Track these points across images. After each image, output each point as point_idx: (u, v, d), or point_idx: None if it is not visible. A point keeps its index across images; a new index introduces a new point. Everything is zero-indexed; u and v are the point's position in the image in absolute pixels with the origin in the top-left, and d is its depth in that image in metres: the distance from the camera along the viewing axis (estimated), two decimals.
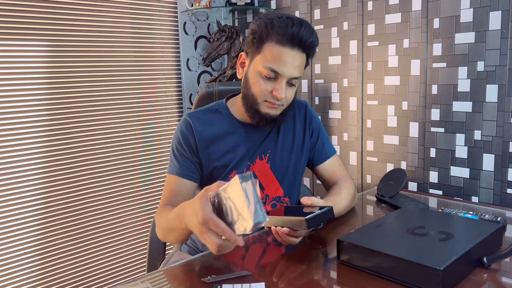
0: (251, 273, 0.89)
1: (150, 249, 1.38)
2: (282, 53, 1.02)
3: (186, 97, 2.24)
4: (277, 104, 1.07)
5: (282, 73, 1.03)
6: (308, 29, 1.02)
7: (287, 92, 1.06)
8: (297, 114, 1.24)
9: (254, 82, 1.07)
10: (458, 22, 1.49)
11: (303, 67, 1.08)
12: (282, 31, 1.01)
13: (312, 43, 1.04)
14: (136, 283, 0.86)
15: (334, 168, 1.27)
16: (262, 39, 1.04)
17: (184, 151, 1.13)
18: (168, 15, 2.17)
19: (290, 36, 1.01)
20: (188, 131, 1.13)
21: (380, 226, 0.98)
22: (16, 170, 1.74)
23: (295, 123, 1.23)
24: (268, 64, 1.03)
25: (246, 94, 1.09)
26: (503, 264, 0.89)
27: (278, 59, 1.02)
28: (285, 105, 1.10)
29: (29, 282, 1.81)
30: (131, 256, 2.13)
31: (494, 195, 1.47)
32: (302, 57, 1.05)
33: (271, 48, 1.03)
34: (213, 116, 1.17)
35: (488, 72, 1.44)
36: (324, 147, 1.26)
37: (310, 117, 1.25)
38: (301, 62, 1.06)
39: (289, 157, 1.21)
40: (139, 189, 2.13)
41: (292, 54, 1.02)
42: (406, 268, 0.80)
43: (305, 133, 1.24)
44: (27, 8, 1.72)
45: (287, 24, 1.01)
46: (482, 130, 1.47)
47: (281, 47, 1.02)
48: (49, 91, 1.80)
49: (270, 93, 1.05)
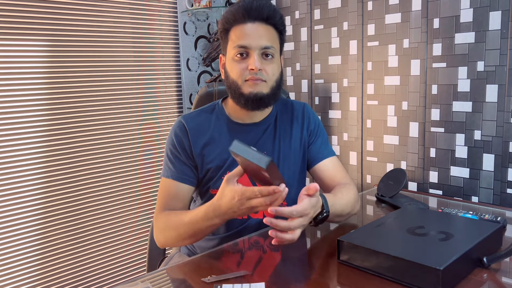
0: (251, 273, 0.89)
1: (150, 249, 1.38)
2: (244, 28, 1.06)
3: (186, 97, 2.24)
4: (257, 78, 1.05)
5: (249, 45, 1.05)
6: (260, 2, 1.06)
7: (264, 66, 1.06)
8: (295, 114, 1.23)
9: (231, 68, 1.09)
10: (458, 22, 1.49)
11: (274, 39, 1.09)
12: (236, 11, 1.06)
13: (269, 13, 1.06)
14: (136, 283, 0.86)
15: (331, 171, 1.20)
16: (226, 30, 1.09)
17: (178, 154, 1.12)
18: (168, 15, 2.17)
19: (244, 10, 1.05)
20: (182, 134, 1.13)
21: (380, 226, 0.98)
22: (16, 170, 1.74)
23: (292, 123, 1.21)
24: (235, 44, 1.06)
25: (228, 84, 1.10)
26: (503, 264, 0.89)
27: (243, 34, 1.05)
28: (269, 81, 1.08)
29: (29, 282, 1.81)
30: (131, 256, 2.13)
31: (494, 195, 1.47)
32: (268, 29, 1.07)
33: (235, 31, 1.07)
34: (208, 117, 1.16)
35: (488, 72, 1.44)
36: (320, 148, 1.22)
37: (309, 117, 1.23)
38: (268, 33, 1.07)
39: (285, 157, 1.18)
40: (139, 189, 2.12)
41: (254, 26, 1.06)
42: (406, 268, 0.80)
43: (303, 133, 1.21)
44: (27, 8, 1.72)
45: (238, 5, 1.07)
46: (482, 130, 1.47)
47: (242, 25, 1.06)
48: (49, 91, 1.80)
49: (247, 70, 1.06)
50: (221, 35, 1.12)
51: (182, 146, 1.12)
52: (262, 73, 1.06)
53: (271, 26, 1.08)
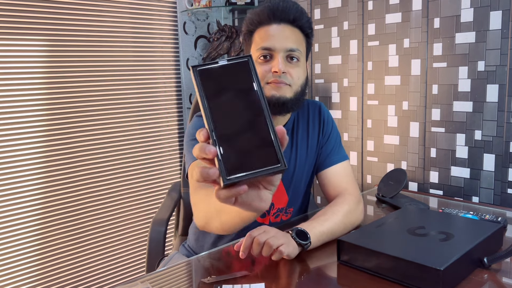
0: (251, 273, 0.88)
1: (149, 249, 1.37)
2: (269, 29, 1.02)
3: (185, 97, 2.24)
4: (281, 82, 1.00)
5: (274, 47, 1.00)
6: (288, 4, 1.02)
7: (289, 69, 1.01)
8: (311, 116, 1.18)
9: None
10: (459, 21, 1.49)
11: (300, 42, 1.04)
12: (261, 12, 1.02)
13: (296, 15, 1.02)
14: (136, 283, 0.86)
15: (337, 177, 1.14)
16: (251, 32, 1.06)
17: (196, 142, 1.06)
18: (167, 14, 2.16)
19: (269, 11, 1.01)
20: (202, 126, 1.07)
21: (380, 226, 0.98)
22: (15, 170, 1.74)
23: (308, 127, 1.16)
24: (259, 46, 1.02)
25: None
26: (504, 265, 0.89)
27: (267, 36, 1.01)
28: (294, 86, 1.02)
29: (29, 282, 1.81)
30: (131, 256, 2.12)
31: (495, 195, 1.46)
32: (294, 31, 1.03)
33: (259, 32, 1.03)
34: None
35: (489, 72, 1.43)
36: (331, 152, 1.16)
37: (324, 120, 1.18)
38: (294, 35, 1.03)
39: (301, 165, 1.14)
40: (139, 189, 2.12)
41: (280, 27, 1.01)
42: (407, 268, 0.80)
43: (319, 138, 1.16)
44: (27, 8, 1.72)
45: (264, 6, 1.03)
46: (483, 130, 1.47)
47: (267, 26, 1.02)
48: (48, 90, 1.80)
49: (270, 72, 1.01)
50: (245, 37, 1.07)
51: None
52: (286, 76, 1.01)
53: (297, 29, 1.03)
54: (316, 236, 0.96)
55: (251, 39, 1.05)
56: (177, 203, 1.51)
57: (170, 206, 1.47)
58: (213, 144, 0.49)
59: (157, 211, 1.46)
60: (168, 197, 1.52)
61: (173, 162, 2.24)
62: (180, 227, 1.52)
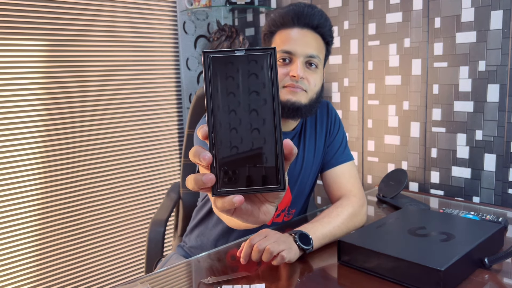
0: (251, 273, 0.88)
1: (148, 250, 1.37)
2: (291, 32, 1.01)
3: (185, 96, 2.24)
4: (297, 87, 1.00)
5: (294, 52, 0.99)
6: (312, 9, 1.01)
7: (307, 74, 1.01)
8: (319, 116, 1.17)
9: None
10: (459, 21, 1.49)
11: (320, 49, 1.03)
12: (285, 14, 1.01)
13: (320, 21, 1.01)
14: (135, 283, 0.86)
15: (341, 178, 1.14)
16: (272, 32, 1.05)
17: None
18: (167, 14, 2.16)
19: (294, 14, 1.00)
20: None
21: (381, 227, 0.98)
22: (14, 170, 1.74)
23: (316, 127, 1.16)
24: (280, 48, 1.01)
25: None
26: (505, 265, 0.89)
27: (288, 39, 1.00)
28: (310, 92, 1.02)
29: (28, 283, 1.80)
30: (131, 257, 2.12)
31: (496, 196, 1.46)
32: (316, 37, 1.02)
33: (280, 34, 1.02)
34: None
35: (490, 71, 1.43)
36: (337, 152, 1.16)
37: (331, 119, 1.18)
38: (315, 41, 1.02)
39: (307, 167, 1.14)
40: (138, 189, 2.12)
41: (302, 32, 1.00)
42: (407, 269, 0.79)
43: (326, 138, 1.16)
44: (26, 8, 1.71)
45: (288, 9, 1.02)
46: (484, 130, 1.46)
47: (289, 29, 1.01)
48: (48, 90, 1.80)
49: (287, 76, 1.00)
50: (265, 38, 1.07)
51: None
52: (303, 82, 1.01)
53: (319, 35, 1.03)
54: (319, 239, 0.96)
55: (271, 40, 1.05)
56: (176, 203, 1.50)
57: (169, 206, 1.47)
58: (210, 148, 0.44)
59: (156, 211, 1.46)
60: (167, 198, 1.51)
61: (173, 162, 2.24)
62: (179, 227, 1.51)
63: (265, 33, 1.07)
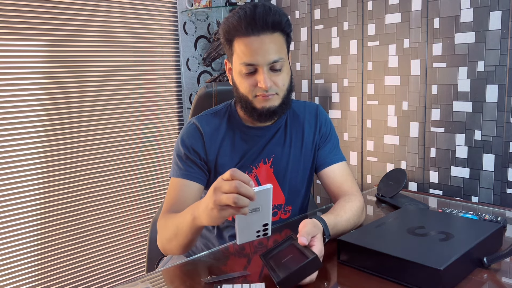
0: (251, 273, 0.88)
1: (149, 249, 1.37)
2: (250, 43, 0.99)
3: (186, 97, 2.24)
4: (269, 95, 1.01)
5: (257, 63, 0.99)
6: (264, 9, 0.98)
7: (274, 79, 1.01)
8: (307, 117, 1.19)
9: (239, 83, 1.04)
10: (458, 22, 1.49)
11: (282, 48, 1.02)
12: (238, 24, 0.99)
13: (274, 20, 0.99)
14: (136, 283, 0.86)
15: (339, 177, 1.16)
16: (229, 40, 1.03)
17: (190, 154, 1.09)
18: (168, 15, 2.17)
19: (247, 23, 0.97)
20: (197, 136, 1.10)
21: (380, 226, 0.98)
22: (15, 170, 1.74)
23: (304, 126, 1.17)
24: (242, 61, 1.00)
25: (238, 96, 1.07)
26: (503, 264, 0.89)
27: (248, 51, 0.99)
28: (281, 92, 1.04)
29: (29, 282, 1.81)
30: (131, 256, 2.12)
31: (494, 195, 1.46)
32: (274, 38, 1.00)
33: (239, 44, 1.01)
34: (221, 120, 1.13)
35: (488, 72, 1.44)
36: (331, 152, 1.18)
37: (321, 120, 1.19)
38: (275, 44, 1.00)
39: (295, 162, 1.15)
40: (139, 189, 2.12)
41: (259, 40, 0.98)
42: (406, 268, 0.80)
43: (315, 136, 1.18)
44: (27, 8, 1.72)
45: (239, 16, 0.99)
46: (482, 130, 1.47)
47: (246, 38, 0.99)
48: (49, 90, 1.80)
49: (256, 87, 1.01)
50: (224, 43, 1.06)
51: (196, 149, 1.09)
52: (272, 88, 1.02)
53: (277, 33, 1.01)
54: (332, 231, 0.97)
55: (231, 47, 1.04)
56: None
57: None
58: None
59: (158, 211, 1.46)
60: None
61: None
62: None
63: (223, 40, 1.05)
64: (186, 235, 0.94)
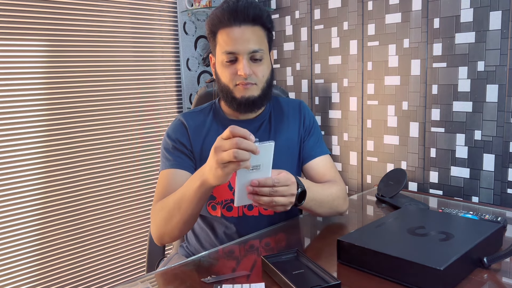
0: (251, 273, 0.88)
1: (149, 249, 1.37)
2: (231, 32, 1.04)
3: (186, 97, 2.24)
4: (248, 83, 1.06)
5: (237, 51, 1.04)
6: (246, 2, 1.04)
7: (254, 69, 1.06)
8: (291, 112, 1.22)
9: (221, 72, 1.09)
10: (458, 22, 1.49)
11: (262, 40, 1.07)
12: (221, 15, 1.05)
13: (255, 13, 1.04)
14: (136, 283, 0.86)
15: (322, 169, 1.20)
16: (213, 33, 1.09)
17: (177, 145, 1.13)
18: (168, 15, 2.17)
19: (229, 14, 1.03)
20: (182, 130, 1.14)
21: (380, 226, 0.98)
22: (15, 170, 1.74)
23: (288, 120, 1.21)
24: (223, 50, 1.05)
25: (220, 87, 1.11)
26: (503, 264, 0.89)
27: (230, 40, 1.04)
28: (260, 84, 1.08)
29: (28, 282, 1.81)
30: (131, 256, 2.12)
31: (495, 195, 1.46)
32: (255, 30, 1.06)
33: (221, 34, 1.06)
34: (206, 117, 1.18)
35: (488, 72, 1.44)
36: (314, 146, 1.22)
37: (304, 114, 1.23)
38: (255, 35, 1.06)
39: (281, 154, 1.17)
40: (139, 189, 2.12)
41: (240, 30, 1.04)
42: (406, 268, 0.80)
43: (300, 129, 1.22)
44: (27, 8, 1.72)
45: (223, 8, 1.05)
46: (482, 130, 1.47)
47: (228, 28, 1.05)
48: (48, 90, 1.80)
49: (236, 75, 1.06)
50: (209, 37, 1.12)
51: (182, 140, 1.13)
52: (252, 77, 1.06)
53: (258, 26, 1.07)
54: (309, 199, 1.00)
55: (215, 39, 1.09)
56: None
57: None
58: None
59: None
60: None
61: None
62: None
63: (208, 34, 1.11)
64: (191, 204, 0.94)
